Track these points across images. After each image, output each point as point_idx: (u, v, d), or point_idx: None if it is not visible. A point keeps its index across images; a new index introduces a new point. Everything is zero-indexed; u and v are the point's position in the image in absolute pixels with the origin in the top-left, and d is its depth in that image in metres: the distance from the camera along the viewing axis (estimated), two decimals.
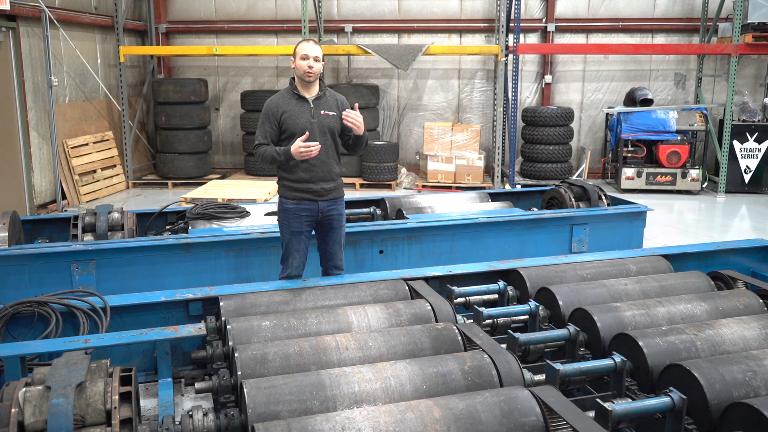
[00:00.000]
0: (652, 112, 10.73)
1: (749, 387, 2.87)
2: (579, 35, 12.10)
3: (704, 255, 4.92)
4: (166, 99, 11.20)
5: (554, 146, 11.12)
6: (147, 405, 3.62)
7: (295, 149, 4.04)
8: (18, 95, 8.82)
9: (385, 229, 5.50)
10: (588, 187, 6.49)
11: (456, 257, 5.59)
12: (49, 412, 2.40)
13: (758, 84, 11.64)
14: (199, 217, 5.70)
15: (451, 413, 2.57)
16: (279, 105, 4.23)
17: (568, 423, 2.54)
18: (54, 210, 9.30)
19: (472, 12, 12.12)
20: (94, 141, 10.53)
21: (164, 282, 4.89)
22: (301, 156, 4.05)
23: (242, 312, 3.71)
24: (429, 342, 3.27)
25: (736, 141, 10.66)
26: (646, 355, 3.14)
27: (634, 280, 4.15)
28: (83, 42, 10.47)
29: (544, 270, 4.31)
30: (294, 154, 4.05)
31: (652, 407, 2.83)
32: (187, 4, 12.54)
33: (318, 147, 4.05)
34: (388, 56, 10.64)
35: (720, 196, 10.58)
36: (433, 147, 11.14)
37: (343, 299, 3.92)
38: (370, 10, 12.23)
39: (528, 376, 3.04)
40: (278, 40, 12.48)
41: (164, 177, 11.35)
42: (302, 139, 4.04)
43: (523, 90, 12.14)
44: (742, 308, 3.76)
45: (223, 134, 12.92)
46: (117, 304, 3.84)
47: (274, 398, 2.73)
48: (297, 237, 4.32)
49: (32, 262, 4.70)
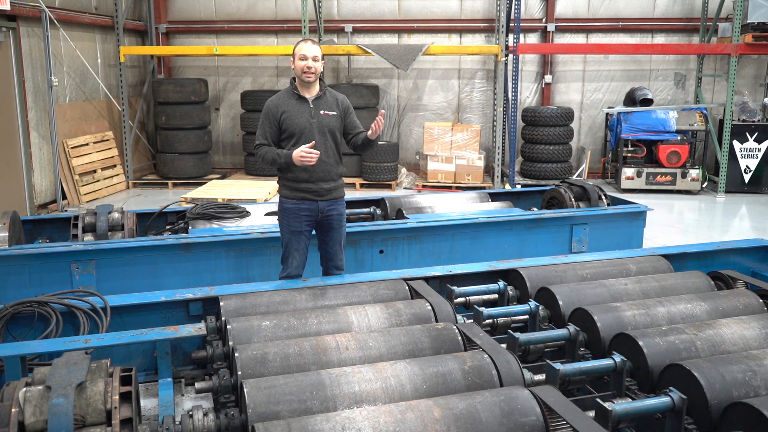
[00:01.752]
0: (652, 112, 10.73)
1: (749, 387, 2.87)
2: (579, 35, 12.10)
3: (704, 255, 4.92)
4: (166, 99, 11.20)
5: (554, 146, 11.12)
6: (147, 405, 3.62)
7: (296, 155, 4.06)
8: (18, 95, 8.82)
9: (385, 229, 5.51)
10: (588, 187, 6.49)
11: (456, 257, 5.59)
12: (50, 412, 2.40)
13: (758, 84, 11.64)
14: (199, 217, 5.70)
15: (451, 413, 2.57)
16: (279, 105, 4.24)
17: (568, 423, 2.54)
18: (54, 210, 9.30)
19: (472, 12, 12.13)
20: (94, 141, 10.54)
21: (164, 282, 4.89)
22: (302, 162, 4.07)
23: (242, 312, 3.71)
24: (429, 342, 3.27)
25: (736, 141, 10.67)
26: (646, 355, 3.14)
27: (634, 280, 4.15)
28: (83, 42, 10.47)
29: (544, 270, 4.31)
30: (294, 159, 4.07)
31: (652, 407, 2.83)
32: (187, 4, 12.54)
33: (317, 155, 4.07)
34: (388, 56, 10.64)
35: (720, 196, 10.58)
36: (433, 147, 11.14)
37: (343, 299, 3.92)
38: (370, 10, 12.23)
39: (528, 376, 3.04)
40: (278, 40, 12.48)
41: (164, 177, 11.35)
42: (309, 146, 4.07)
43: (523, 90, 12.14)
44: (742, 308, 3.76)
45: (223, 134, 12.92)
46: (117, 304, 3.84)
47: (274, 398, 2.73)
48: (297, 237, 4.33)
49: (32, 262, 4.70)
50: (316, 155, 4.07)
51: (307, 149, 4.05)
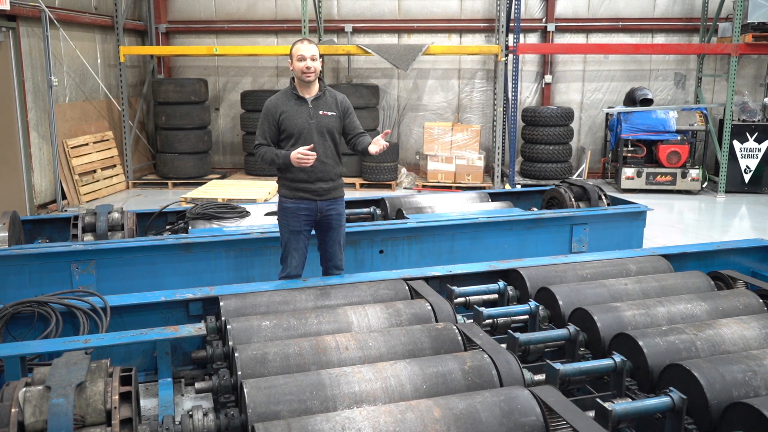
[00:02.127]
0: (652, 112, 10.73)
1: (749, 387, 2.87)
2: (579, 35, 12.10)
3: (704, 255, 4.92)
4: (166, 99, 11.20)
5: (554, 146, 11.12)
6: (147, 405, 3.62)
7: (293, 156, 4.07)
8: (18, 95, 8.82)
9: (385, 229, 5.51)
10: (588, 187, 6.49)
11: (456, 257, 5.59)
12: (50, 412, 2.40)
13: (758, 84, 11.64)
14: (199, 217, 5.70)
15: (451, 413, 2.57)
16: (278, 105, 4.24)
17: (568, 423, 2.54)
18: (54, 210, 9.30)
19: (472, 12, 12.12)
20: (94, 141, 10.53)
21: (164, 282, 4.89)
22: (299, 164, 4.08)
23: (242, 312, 3.71)
24: (429, 342, 3.26)
25: (736, 141, 10.66)
26: (646, 355, 3.14)
27: (634, 279, 4.15)
28: (83, 42, 10.47)
29: (544, 270, 4.31)
30: (292, 160, 4.08)
31: (652, 407, 2.83)
32: (187, 4, 12.54)
33: (314, 157, 4.08)
34: (388, 56, 10.64)
35: (720, 195, 10.58)
36: (433, 147, 11.14)
37: (343, 299, 3.92)
38: (370, 10, 12.23)
39: (528, 376, 3.04)
40: (278, 40, 12.48)
41: (164, 177, 11.35)
42: (307, 148, 4.07)
43: (523, 90, 12.14)
44: (742, 308, 3.76)
45: (223, 134, 12.92)
46: (117, 304, 3.83)
47: (274, 398, 2.72)
48: (296, 236, 4.33)
49: (32, 262, 4.70)
50: (313, 157, 4.07)
51: (305, 151, 4.06)
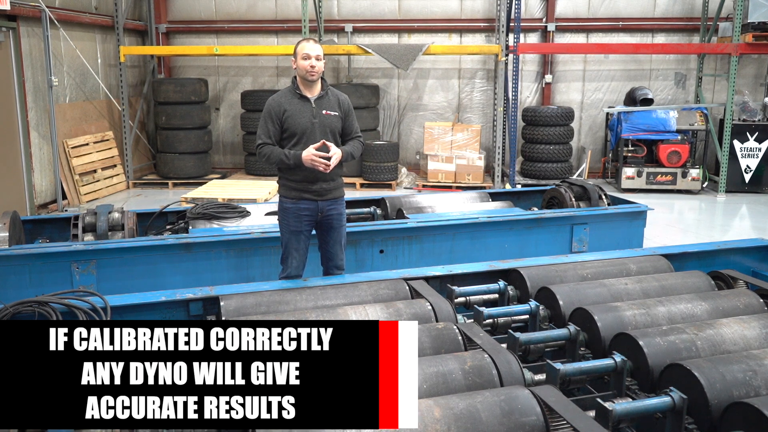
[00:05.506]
0: (652, 112, 10.73)
1: (750, 386, 2.87)
2: (579, 35, 12.10)
3: (705, 254, 4.91)
4: (166, 99, 11.20)
5: (554, 146, 11.12)
6: None
7: (307, 156, 4.03)
8: (18, 95, 8.82)
9: (386, 229, 5.50)
10: (588, 187, 6.49)
11: (456, 257, 5.59)
12: None
13: (758, 83, 11.64)
14: (199, 217, 5.69)
15: (452, 413, 2.57)
16: (281, 104, 4.22)
17: (568, 423, 2.54)
18: (54, 210, 9.31)
19: (472, 12, 12.12)
20: (95, 141, 10.54)
21: (164, 282, 4.88)
22: (313, 165, 4.05)
23: (242, 312, 3.71)
24: (429, 341, 3.26)
25: (737, 140, 10.66)
26: (647, 355, 3.14)
27: (635, 279, 4.14)
28: (83, 42, 10.47)
29: (544, 270, 4.30)
30: (305, 160, 4.05)
31: (653, 407, 2.83)
32: (187, 4, 12.55)
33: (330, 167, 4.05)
34: (388, 56, 10.64)
35: (720, 195, 10.58)
36: (433, 147, 11.14)
37: (343, 299, 3.92)
38: (370, 9, 12.23)
39: (528, 376, 3.04)
40: (278, 40, 12.48)
41: (164, 177, 11.36)
42: (316, 146, 4.05)
43: (523, 90, 12.14)
44: (742, 308, 3.75)
45: (223, 134, 12.93)
46: (117, 304, 3.83)
47: None
48: (296, 236, 4.32)
49: (32, 262, 4.70)
50: (329, 166, 4.05)
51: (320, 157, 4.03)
